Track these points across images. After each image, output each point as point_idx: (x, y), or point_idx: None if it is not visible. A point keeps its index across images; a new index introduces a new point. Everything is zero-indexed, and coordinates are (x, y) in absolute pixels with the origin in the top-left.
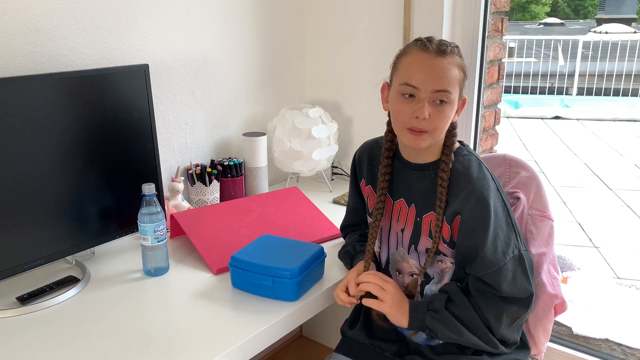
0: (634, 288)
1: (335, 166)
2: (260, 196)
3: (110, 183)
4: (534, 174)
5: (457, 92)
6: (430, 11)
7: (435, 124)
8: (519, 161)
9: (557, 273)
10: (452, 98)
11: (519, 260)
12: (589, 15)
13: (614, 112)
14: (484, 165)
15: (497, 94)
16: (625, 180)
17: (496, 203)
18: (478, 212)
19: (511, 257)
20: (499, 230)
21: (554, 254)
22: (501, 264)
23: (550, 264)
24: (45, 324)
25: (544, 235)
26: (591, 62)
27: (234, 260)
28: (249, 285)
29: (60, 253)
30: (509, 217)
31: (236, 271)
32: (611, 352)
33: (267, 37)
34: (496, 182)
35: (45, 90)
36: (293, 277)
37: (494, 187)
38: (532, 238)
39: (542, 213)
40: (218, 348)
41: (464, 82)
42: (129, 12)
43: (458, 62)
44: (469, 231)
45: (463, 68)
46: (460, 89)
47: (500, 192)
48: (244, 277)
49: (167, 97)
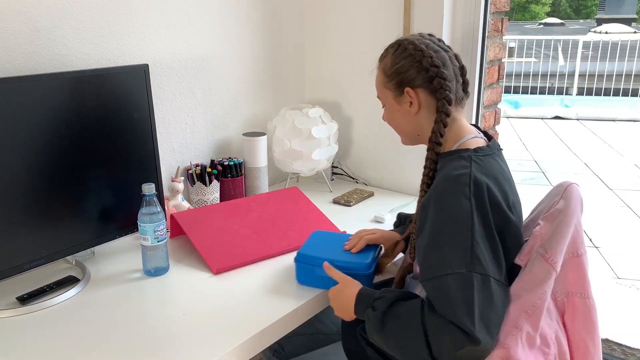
0: (634, 288)
1: (335, 166)
2: (260, 196)
3: (110, 183)
4: (566, 208)
5: (388, 94)
6: (430, 11)
7: (390, 125)
8: (569, 188)
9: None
10: (385, 101)
11: (465, 283)
12: (590, 15)
13: (614, 112)
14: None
15: (497, 94)
16: (625, 180)
17: (456, 211)
18: (426, 213)
19: (454, 273)
20: (447, 238)
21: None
22: (437, 275)
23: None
24: (45, 324)
25: (533, 278)
26: (591, 62)
27: (301, 256)
28: (317, 281)
29: (60, 253)
30: (472, 232)
31: (304, 267)
32: (611, 352)
33: (267, 37)
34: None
35: (45, 90)
36: (366, 271)
37: (463, 194)
38: (520, 277)
39: (545, 254)
40: (218, 348)
41: (389, 79)
42: (129, 12)
43: (384, 65)
44: (418, 229)
45: (385, 70)
46: (390, 89)
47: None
48: (313, 273)
49: (167, 97)
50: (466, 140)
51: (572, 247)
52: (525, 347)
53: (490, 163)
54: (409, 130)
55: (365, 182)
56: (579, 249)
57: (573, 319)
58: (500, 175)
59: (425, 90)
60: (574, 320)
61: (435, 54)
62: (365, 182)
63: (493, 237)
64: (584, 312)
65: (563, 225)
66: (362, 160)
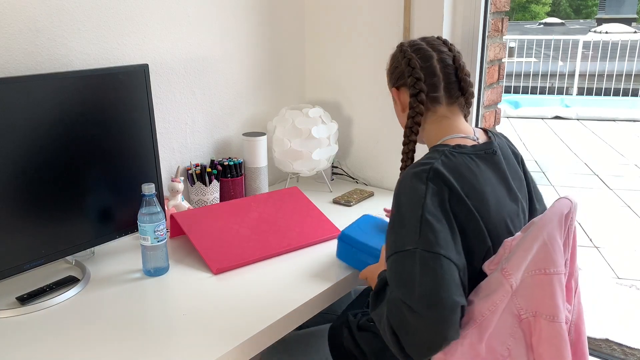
0: (634, 288)
1: (335, 166)
2: (260, 196)
3: (110, 183)
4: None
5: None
6: (430, 11)
7: None
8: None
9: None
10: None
11: (412, 259)
12: (591, 15)
13: (614, 112)
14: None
15: (497, 94)
16: (625, 180)
17: (411, 193)
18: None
19: (403, 250)
20: (400, 219)
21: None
22: (390, 253)
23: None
24: (45, 324)
25: (487, 287)
26: (591, 62)
27: (344, 236)
28: (355, 262)
29: (60, 253)
30: (422, 211)
31: (345, 247)
32: (611, 352)
33: (267, 37)
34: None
35: (45, 90)
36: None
37: (419, 179)
38: (478, 285)
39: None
40: (218, 348)
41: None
42: (129, 12)
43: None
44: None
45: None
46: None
47: (439, 188)
48: (353, 255)
49: (167, 97)
50: (450, 138)
51: (540, 264)
52: (466, 355)
53: (464, 161)
54: (402, 124)
55: (365, 182)
56: (548, 267)
57: (538, 342)
58: (470, 174)
59: (407, 89)
60: (540, 344)
61: (418, 53)
62: (365, 182)
63: (449, 219)
64: (550, 337)
65: (528, 238)
66: (362, 160)
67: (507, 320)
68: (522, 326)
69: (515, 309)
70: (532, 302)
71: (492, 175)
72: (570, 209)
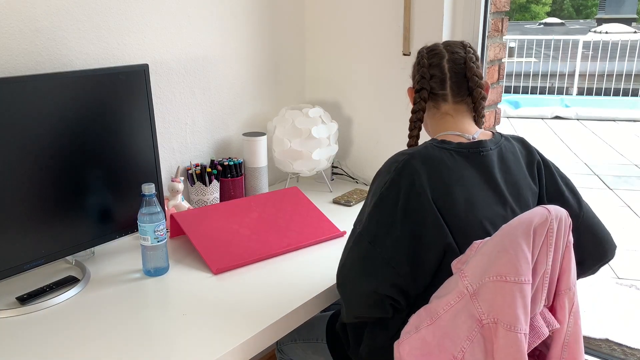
0: (634, 288)
1: (335, 166)
2: (260, 196)
3: (110, 183)
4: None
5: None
6: (430, 11)
7: None
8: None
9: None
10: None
11: (351, 236)
12: (591, 15)
13: (614, 112)
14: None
15: (497, 94)
16: (625, 180)
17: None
18: None
19: (353, 225)
20: (366, 200)
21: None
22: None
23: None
24: (45, 324)
25: (445, 286)
26: (591, 62)
27: None
28: None
29: (60, 253)
30: (374, 201)
31: None
32: (611, 352)
33: (267, 37)
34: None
35: (45, 90)
36: None
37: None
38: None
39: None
40: (218, 348)
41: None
42: (129, 12)
43: None
44: None
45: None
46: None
47: (398, 182)
48: None
49: (167, 97)
50: (445, 134)
51: (501, 270)
52: (416, 350)
53: (441, 155)
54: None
55: (365, 182)
56: (509, 275)
57: (497, 349)
58: (443, 169)
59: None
60: (497, 352)
61: (429, 53)
62: (365, 182)
63: (394, 215)
64: (507, 346)
65: (490, 243)
66: (362, 160)
67: (466, 323)
68: (483, 332)
69: (477, 312)
70: (493, 308)
71: (474, 175)
72: (547, 219)
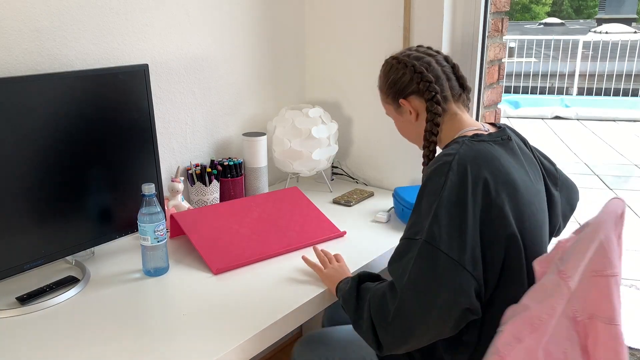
0: (634, 288)
1: (335, 166)
2: (260, 196)
3: (110, 183)
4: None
5: (390, 109)
6: (430, 11)
7: (404, 136)
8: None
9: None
10: (389, 114)
11: (411, 247)
12: (591, 15)
13: (614, 112)
14: (459, 152)
15: (497, 94)
16: (625, 180)
17: (430, 185)
18: None
19: (409, 238)
20: (417, 208)
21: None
22: (402, 237)
23: (536, 339)
24: (45, 324)
25: (544, 290)
26: (591, 62)
27: (396, 192)
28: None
29: (60, 253)
30: (436, 205)
31: (397, 204)
32: None
33: (267, 37)
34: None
35: (45, 90)
36: None
37: (440, 172)
38: (532, 288)
39: (560, 266)
40: (218, 348)
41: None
42: (129, 12)
43: (379, 84)
44: None
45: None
46: (390, 104)
47: (460, 181)
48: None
49: (167, 97)
50: (465, 131)
51: (597, 266)
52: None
53: (485, 147)
54: (416, 136)
55: (365, 182)
56: (605, 269)
57: (595, 345)
58: (494, 159)
59: (416, 96)
60: (596, 347)
61: (418, 61)
62: (365, 182)
63: (463, 215)
64: (608, 340)
65: (584, 239)
66: (362, 160)
67: (563, 323)
68: (577, 328)
69: (571, 311)
70: (589, 304)
71: (512, 160)
72: (623, 209)
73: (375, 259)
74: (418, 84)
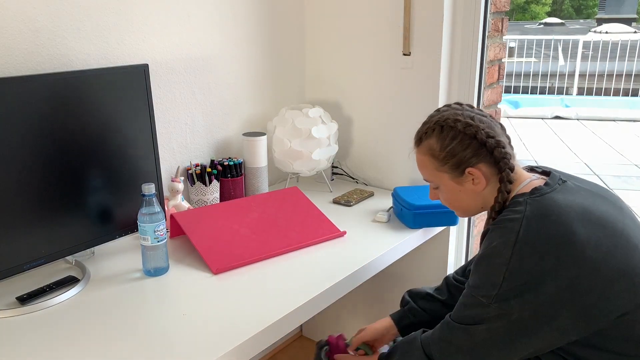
0: None
1: (335, 166)
2: (260, 196)
3: (110, 183)
4: None
5: (444, 176)
6: (430, 11)
7: (445, 203)
8: None
9: None
10: (439, 183)
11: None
12: (591, 15)
13: (614, 112)
14: (526, 213)
15: (497, 94)
16: (625, 180)
17: (499, 244)
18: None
19: (476, 296)
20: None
21: None
22: (466, 293)
23: None
24: (45, 324)
25: None
26: (591, 62)
27: (396, 192)
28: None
29: (60, 253)
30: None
31: (397, 204)
32: None
33: (267, 37)
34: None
35: (45, 90)
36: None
37: (511, 230)
38: None
39: None
40: (218, 348)
41: (443, 162)
42: (129, 12)
43: (427, 148)
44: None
45: (434, 154)
46: (446, 172)
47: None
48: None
49: (167, 97)
50: (522, 186)
51: None
52: None
53: (551, 199)
54: (474, 205)
55: (365, 182)
56: None
57: None
58: (567, 207)
59: (487, 163)
60: None
61: (483, 124)
62: (365, 182)
63: (539, 277)
64: None
65: None
66: (362, 160)
67: None
68: None
69: None
70: None
71: (590, 201)
72: None
73: (376, 259)
74: (492, 151)
